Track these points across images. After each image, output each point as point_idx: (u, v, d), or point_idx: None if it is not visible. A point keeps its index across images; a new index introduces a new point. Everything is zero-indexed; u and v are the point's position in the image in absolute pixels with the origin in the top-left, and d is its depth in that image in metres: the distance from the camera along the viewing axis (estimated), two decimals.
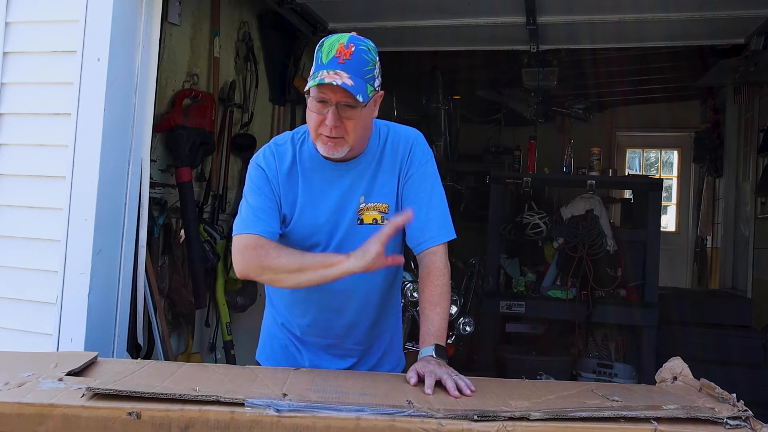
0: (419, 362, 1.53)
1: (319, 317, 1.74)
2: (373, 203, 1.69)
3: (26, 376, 1.36)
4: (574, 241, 4.34)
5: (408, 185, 1.70)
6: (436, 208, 1.70)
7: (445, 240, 1.69)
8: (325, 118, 1.55)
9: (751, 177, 5.40)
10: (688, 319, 4.54)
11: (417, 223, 1.67)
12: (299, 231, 1.68)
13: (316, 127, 1.59)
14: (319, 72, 1.53)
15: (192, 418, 1.20)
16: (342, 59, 1.53)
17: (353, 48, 1.55)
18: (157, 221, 3.17)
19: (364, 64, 1.56)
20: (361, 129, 1.61)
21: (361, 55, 1.56)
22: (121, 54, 2.30)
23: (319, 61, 1.56)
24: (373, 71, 1.59)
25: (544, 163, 5.36)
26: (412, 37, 4.31)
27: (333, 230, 1.68)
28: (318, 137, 1.60)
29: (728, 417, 1.22)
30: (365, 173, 1.69)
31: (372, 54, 1.59)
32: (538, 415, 1.21)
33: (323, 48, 1.57)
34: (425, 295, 1.65)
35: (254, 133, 4.13)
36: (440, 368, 1.47)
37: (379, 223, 1.68)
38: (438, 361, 1.52)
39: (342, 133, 1.57)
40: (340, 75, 1.51)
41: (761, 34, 3.68)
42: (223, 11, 3.77)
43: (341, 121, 1.56)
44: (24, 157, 2.37)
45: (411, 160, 1.71)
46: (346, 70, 1.52)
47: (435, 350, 1.56)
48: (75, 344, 2.18)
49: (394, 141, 1.72)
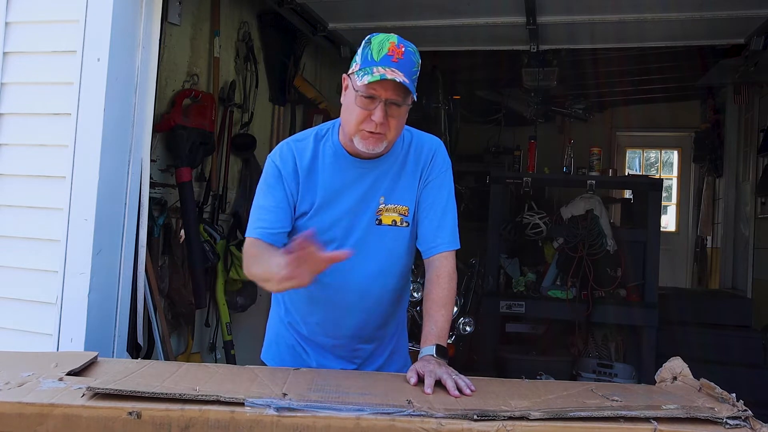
0: (419, 362, 1.54)
1: (330, 316, 1.74)
2: (393, 205, 1.70)
3: (26, 375, 1.36)
4: (574, 241, 4.34)
5: (427, 189, 1.72)
6: (450, 216, 1.73)
7: (455, 248, 1.72)
8: (370, 114, 1.56)
9: (751, 177, 5.40)
10: (688, 319, 4.53)
11: (431, 227, 1.71)
12: (318, 223, 1.68)
13: (359, 122, 1.59)
14: (372, 68, 1.54)
15: (192, 417, 1.20)
16: (395, 58, 1.55)
17: (403, 48, 1.58)
18: (157, 221, 3.17)
19: (412, 65, 1.59)
20: (400, 127, 1.64)
21: (410, 56, 1.59)
22: (121, 54, 2.30)
23: (369, 57, 1.56)
24: (417, 73, 1.62)
25: (544, 163, 5.36)
26: (412, 37, 4.26)
27: (350, 227, 1.69)
28: (359, 132, 1.60)
29: (728, 417, 1.22)
30: (387, 173, 1.70)
31: (417, 56, 1.62)
32: (538, 415, 1.21)
33: (372, 45, 1.58)
34: (432, 296, 1.66)
35: (254, 133, 4.14)
36: (440, 368, 1.47)
37: (398, 225, 1.70)
38: (438, 360, 1.52)
39: (385, 129, 1.59)
40: (396, 73, 1.53)
41: (761, 34, 3.68)
42: (223, 11, 3.78)
43: (386, 117, 1.57)
44: (24, 157, 2.37)
45: (432, 166, 1.73)
46: (400, 68, 1.54)
47: (436, 350, 1.56)
48: (75, 344, 2.18)
49: (418, 146, 1.75)
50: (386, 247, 1.71)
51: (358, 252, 1.67)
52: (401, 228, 1.70)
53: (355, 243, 1.68)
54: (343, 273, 1.68)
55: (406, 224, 1.70)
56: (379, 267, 1.71)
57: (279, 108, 4.51)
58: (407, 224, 1.71)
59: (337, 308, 1.73)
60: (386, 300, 1.76)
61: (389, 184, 1.70)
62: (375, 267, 1.71)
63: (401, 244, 1.72)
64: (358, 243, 1.68)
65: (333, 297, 1.72)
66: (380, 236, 1.69)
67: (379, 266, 1.71)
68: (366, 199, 1.69)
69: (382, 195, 1.69)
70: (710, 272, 6.47)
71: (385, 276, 1.73)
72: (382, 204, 1.69)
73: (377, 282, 1.72)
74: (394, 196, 1.70)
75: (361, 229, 1.69)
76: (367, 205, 1.69)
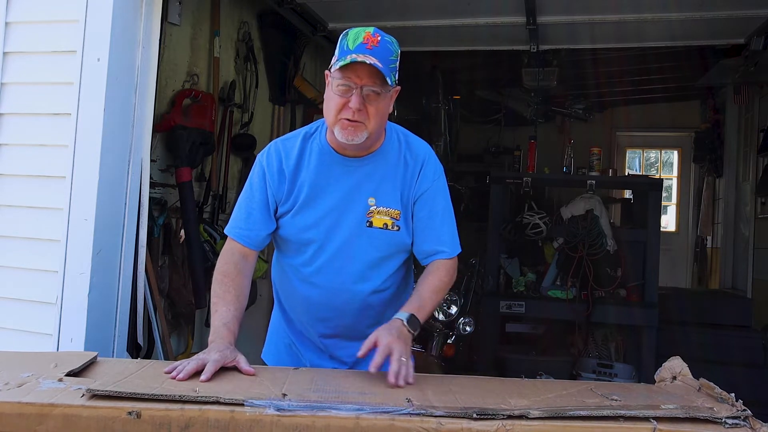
0: (385, 325, 1.55)
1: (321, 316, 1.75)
2: (384, 208, 1.69)
3: (26, 376, 1.36)
4: (574, 241, 4.33)
5: (420, 202, 1.71)
6: (447, 225, 1.74)
7: (455, 254, 1.74)
8: (348, 101, 1.57)
9: (751, 177, 5.40)
10: (688, 319, 4.53)
11: (429, 239, 1.71)
12: (302, 220, 1.69)
13: (337, 111, 1.59)
14: (346, 55, 1.55)
15: (192, 417, 1.20)
16: (370, 45, 1.55)
17: (379, 37, 1.58)
18: (157, 221, 3.18)
19: (389, 54, 1.58)
20: (381, 117, 1.62)
21: (386, 45, 1.59)
22: (121, 54, 2.30)
23: (345, 47, 1.57)
24: (396, 63, 1.61)
25: (544, 163, 5.36)
26: (412, 37, 4.31)
27: (335, 225, 1.68)
28: (338, 122, 1.60)
29: (727, 417, 1.22)
30: (375, 173, 1.69)
31: (395, 46, 1.62)
32: (537, 414, 1.21)
33: (348, 36, 1.59)
34: (429, 278, 1.68)
35: (254, 133, 4.14)
36: (397, 343, 1.48)
37: (390, 228, 1.69)
38: (401, 331, 1.53)
39: (363, 117, 1.58)
40: (368, 58, 1.53)
41: (761, 34, 3.69)
42: (223, 11, 3.78)
43: (364, 105, 1.57)
44: (24, 157, 2.37)
45: (423, 176, 1.72)
46: (374, 55, 1.54)
47: (408, 319, 1.56)
48: (75, 344, 2.18)
49: (408, 151, 1.74)
50: (376, 249, 1.70)
51: (347, 253, 1.68)
52: (392, 231, 1.69)
53: (343, 243, 1.68)
54: (333, 274, 1.69)
55: (398, 228, 1.69)
56: (369, 268, 1.71)
57: (279, 108, 4.51)
58: (398, 228, 1.69)
59: (328, 309, 1.73)
60: (377, 301, 1.75)
61: (378, 185, 1.69)
62: (365, 268, 1.70)
63: (392, 247, 1.71)
64: (346, 243, 1.68)
65: (324, 298, 1.72)
66: (370, 238, 1.68)
67: (369, 268, 1.71)
68: (352, 198, 1.68)
69: (371, 196, 1.68)
70: (710, 272, 6.47)
71: (376, 277, 1.72)
72: (373, 206, 1.68)
73: (368, 283, 1.71)
74: (384, 199, 1.69)
75: (349, 229, 1.68)
76: (353, 203, 1.68)
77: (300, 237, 1.70)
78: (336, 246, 1.68)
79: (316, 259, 1.70)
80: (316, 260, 1.70)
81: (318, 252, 1.70)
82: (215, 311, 1.61)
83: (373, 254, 1.70)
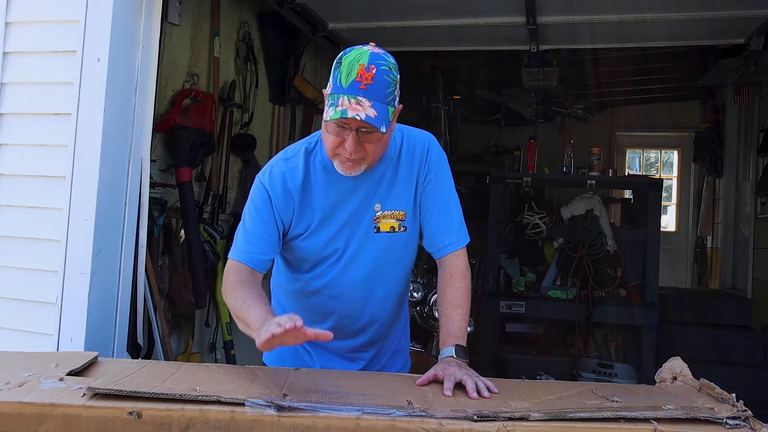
0: (439, 364, 1.52)
1: (334, 324, 1.73)
2: (390, 211, 1.67)
3: (27, 375, 1.36)
4: (574, 241, 4.34)
5: (427, 190, 1.69)
6: (455, 213, 1.72)
7: (464, 244, 1.71)
8: (344, 141, 1.50)
9: (751, 177, 5.40)
10: (688, 319, 4.54)
11: (437, 228, 1.69)
12: (318, 240, 1.67)
13: (333, 147, 1.53)
14: (339, 98, 1.45)
15: (192, 417, 1.20)
16: (363, 84, 1.44)
17: (374, 70, 1.46)
18: (157, 221, 3.17)
19: (386, 87, 1.48)
20: (381, 149, 1.58)
21: (382, 77, 1.47)
22: (121, 54, 2.30)
23: (338, 82, 1.47)
24: (394, 91, 1.51)
25: (544, 163, 5.36)
26: (412, 37, 4.31)
27: (350, 237, 1.67)
28: (336, 156, 1.56)
29: (727, 417, 1.22)
30: (381, 181, 1.67)
31: (393, 73, 1.50)
32: (538, 416, 1.21)
33: (342, 68, 1.48)
34: (447, 296, 1.66)
35: (254, 133, 4.14)
36: (460, 370, 1.46)
37: (396, 230, 1.68)
38: (458, 362, 1.51)
39: (362, 155, 1.53)
40: (362, 104, 1.43)
41: (761, 34, 3.68)
42: (223, 11, 3.77)
43: (361, 144, 1.51)
44: (24, 157, 2.37)
45: (429, 165, 1.69)
46: (368, 96, 1.44)
47: (455, 350, 1.55)
48: (75, 344, 2.18)
49: (410, 147, 1.70)
50: (386, 254, 1.69)
51: (358, 260, 1.67)
52: (399, 234, 1.68)
53: (354, 252, 1.67)
54: (344, 284, 1.69)
55: (404, 229, 1.68)
56: (380, 274, 1.70)
57: (279, 108, 4.51)
58: (405, 228, 1.68)
59: (341, 317, 1.73)
60: (389, 305, 1.76)
61: (384, 191, 1.67)
62: (375, 274, 1.70)
63: (400, 250, 1.71)
64: (356, 252, 1.67)
65: (336, 307, 1.72)
66: (379, 244, 1.67)
67: (380, 273, 1.70)
68: (361, 209, 1.66)
69: (377, 202, 1.67)
70: (710, 272, 6.47)
71: (387, 282, 1.72)
72: (378, 211, 1.67)
73: (379, 289, 1.71)
74: (390, 202, 1.68)
75: (358, 238, 1.67)
76: (363, 213, 1.67)
77: (318, 255, 1.68)
78: (348, 257, 1.67)
79: (328, 272, 1.69)
80: (328, 273, 1.69)
81: (331, 266, 1.69)
82: (247, 307, 1.49)
83: (382, 259, 1.69)
